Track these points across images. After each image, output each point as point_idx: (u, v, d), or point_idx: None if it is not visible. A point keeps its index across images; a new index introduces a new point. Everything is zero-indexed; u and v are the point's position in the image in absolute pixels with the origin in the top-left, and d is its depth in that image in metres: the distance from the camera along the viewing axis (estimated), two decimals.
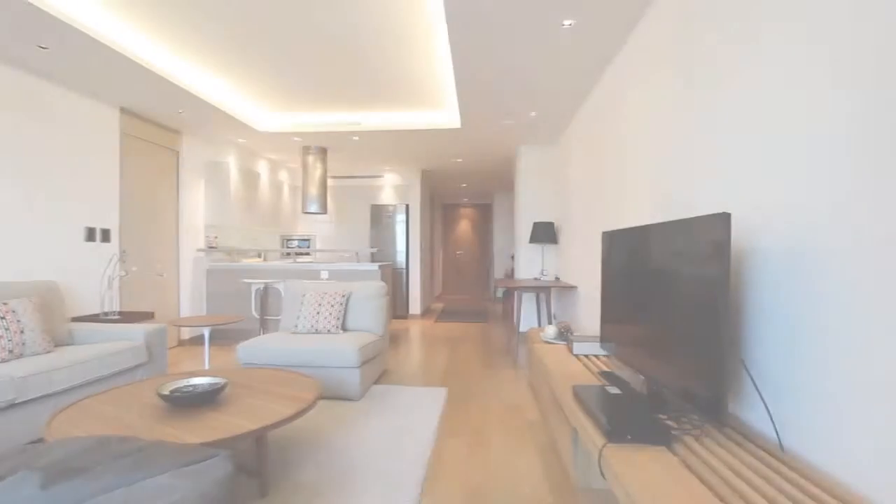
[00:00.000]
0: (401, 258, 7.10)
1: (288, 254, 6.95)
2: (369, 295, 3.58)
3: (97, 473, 1.01)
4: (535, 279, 5.02)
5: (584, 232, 3.86)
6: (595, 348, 2.66)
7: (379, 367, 3.56)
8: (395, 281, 7.04)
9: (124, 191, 4.11)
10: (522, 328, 5.51)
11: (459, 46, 2.87)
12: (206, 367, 3.88)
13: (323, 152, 5.70)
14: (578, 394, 1.78)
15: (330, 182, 7.38)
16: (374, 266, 5.01)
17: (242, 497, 1.85)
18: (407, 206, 7.13)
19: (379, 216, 7.18)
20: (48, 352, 2.65)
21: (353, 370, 3.02)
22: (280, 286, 5.07)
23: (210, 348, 4.61)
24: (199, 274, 5.18)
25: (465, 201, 11.16)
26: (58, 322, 2.95)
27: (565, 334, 3.15)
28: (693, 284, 1.46)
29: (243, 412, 1.86)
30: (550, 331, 3.18)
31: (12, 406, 2.19)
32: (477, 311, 8.03)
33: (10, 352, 2.46)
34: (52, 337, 2.84)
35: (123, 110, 4.07)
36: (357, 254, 5.42)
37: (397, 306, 7.01)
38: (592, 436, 1.47)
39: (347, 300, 3.56)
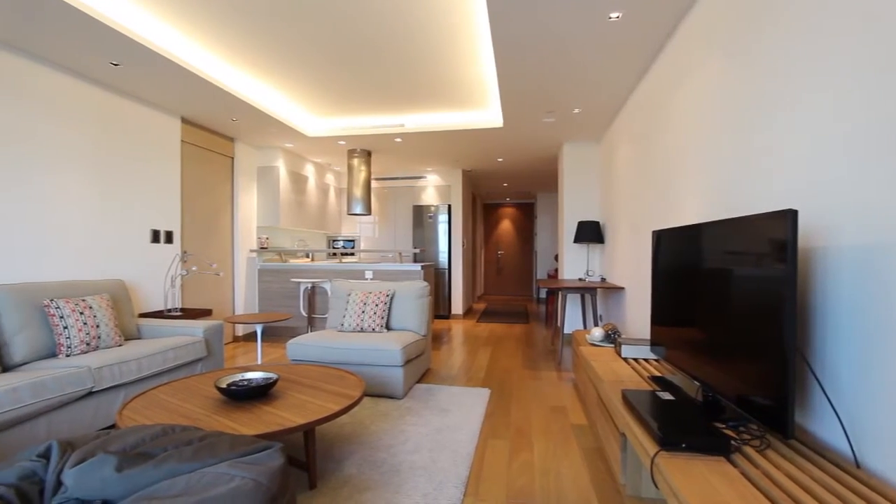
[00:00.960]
0: (443, 258, 7.14)
1: (334, 254, 7.16)
2: (412, 295, 3.62)
3: (163, 459, 1.08)
4: (580, 280, 4.90)
5: (631, 231, 3.73)
6: (645, 352, 2.56)
7: (422, 367, 3.59)
8: (438, 281, 7.08)
9: (185, 195, 4.38)
10: (566, 330, 5.40)
11: (502, 43, 2.85)
12: (259, 362, 4.07)
13: (367, 155, 5.83)
14: (628, 398, 1.72)
15: (373, 184, 7.53)
16: (417, 266, 5.06)
17: (293, 488, 1.92)
18: (449, 207, 7.16)
19: (421, 217, 7.25)
20: (119, 345, 2.87)
21: (396, 369, 3.07)
22: (326, 285, 5.23)
23: (262, 344, 4.82)
24: (251, 273, 5.44)
25: (507, 201, 11.07)
26: (127, 318, 3.19)
27: (612, 337, 3.05)
28: (755, 285, 1.37)
29: (293, 407, 1.93)
30: (597, 333, 3.09)
31: (90, 394, 2.39)
32: (519, 311, 7.94)
33: (88, 344, 2.68)
34: (122, 331, 3.07)
35: (184, 120, 4.34)
36: (400, 254, 5.50)
37: (439, 306, 7.06)
38: (643, 443, 1.42)
39: (391, 300, 3.62)
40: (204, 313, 3.99)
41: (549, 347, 4.91)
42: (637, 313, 3.50)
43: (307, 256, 6.69)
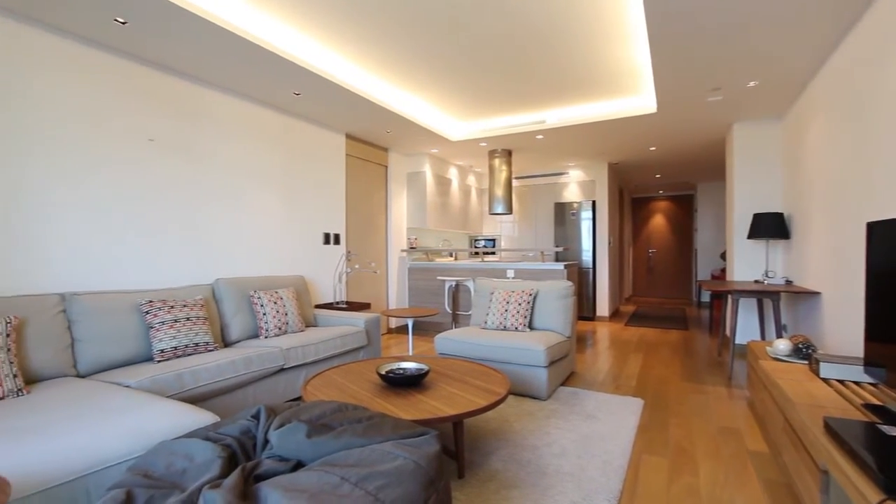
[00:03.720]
0: (587, 257, 6.81)
1: (476, 253, 7.38)
2: (556, 294, 3.53)
3: (340, 433, 1.24)
4: (757, 282, 4.18)
5: (830, 223, 3.04)
6: (855, 373, 2.06)
7: (566, 369, 3.47)
8: (581, 281, 6.78)
9: (349, 202, 4.99)
10: (738, 339, 4.66)
11: (656, 16, 2.58)
12: (410, 353, 4.41)
13: (507, 154, 5.86)
14: (834, 428, 1.40)
15: (514, 183, 7.55)
16: (560, 265, 4.91)
17: (447, 475, 2.03)
18: (593, 203, 6.79)
19: (563, 214, 7.02)
20: (301, 331, 3.39)
21: (540, 369, 3.02)
22: (469, 283, 5.42)
23: (412, 337, 5.21)
24: (402, 271, 5.93)
25: (659, 194, 10.04)
26: (306, 308, 3.75)
27: (805, 351, 2.53)
28: None
29: (443, 398, 2.04)
30: (781, 345, 2.60)
31: (281, 370, 2.87)
32: (675, 315, 7.13)
33: (280, 329, 3.23)
34: (303, 319, 3.62)
35: (348, 135, 4.94)
36: (542, 253, 5.41)
37: (583, 307, 6.75)
38: (858, 485, 1.14)
39: (534, 299, 3.58)
40: (364, 306, 4.48)
41: (716, 358, 4.30)
42: (840, 324, 2.84)
43: (451, 255, 7.03)
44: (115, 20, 2.47)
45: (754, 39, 2.80)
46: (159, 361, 2.46)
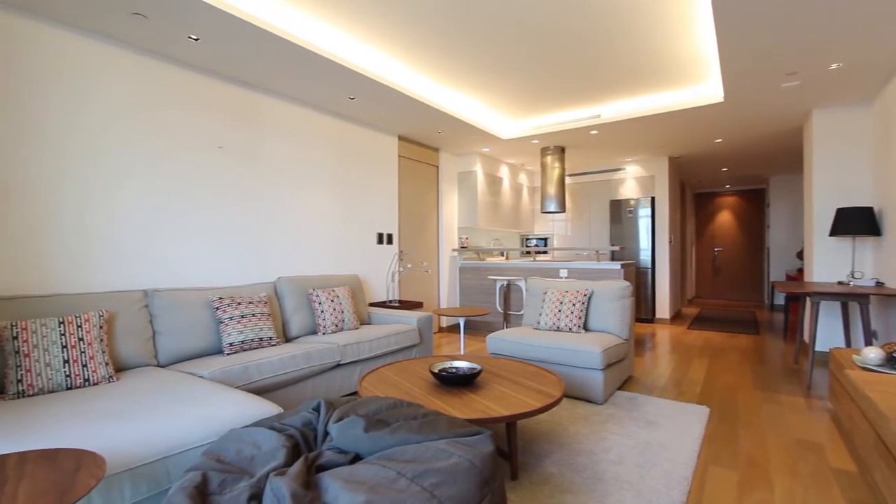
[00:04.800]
0: (644, 256, 6.51)
1: (527, 252, 7.28)
2: (612, 295, 3.40)
3: (396, 428, 1.26)
4: (841, 283, 3.81)
5: None
6: None
7: (623, 373, 3.34)
8: (639, 281, 6.50)
9: (401, 202, 5.08)
10: (819, 346, 4.27)
11: None
12: (462, 352, 4.42)
13: (560, 151, 5.73)
14: None
15: (567, 180, 7.37)
16: (616, 265, 4.73)
17: (503, 475, 2.02)
18: (652, 199, 6.48)
19: (619, 212, 6.76)
20: (356, 328, 3.49)
21: (596, 372, 2.92)
22: (521, 283, 5.35)
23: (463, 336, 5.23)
24: (453, 270, 5.96)
25: (726, 188, 9.41)
26: (361, 306, 3.86)
27: None
28: None
29: (496, 398, 2.03)
30: (872, 354, 2.35)
31: (337, 366, 2.98)
32: (744, 319, 6.65)
33: (336, 326, 3.35)
34: (358, 317, 3.73)
35: (400, 137, 5.03)
36: (597, 252, 5.23)
37: (641, 309, 6.46)
38: None
39: (589, 300, 3.47)
40: (416, 305, 4.54)
41: (792, 366, 3.97)
42: None
43: (502, 255, 6.97)
44: (189, 37, 2.66)
45: (838, 16, 2.55)
46: (228, 354, 2.63)
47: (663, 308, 6.43)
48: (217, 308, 2.74)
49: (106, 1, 2.26)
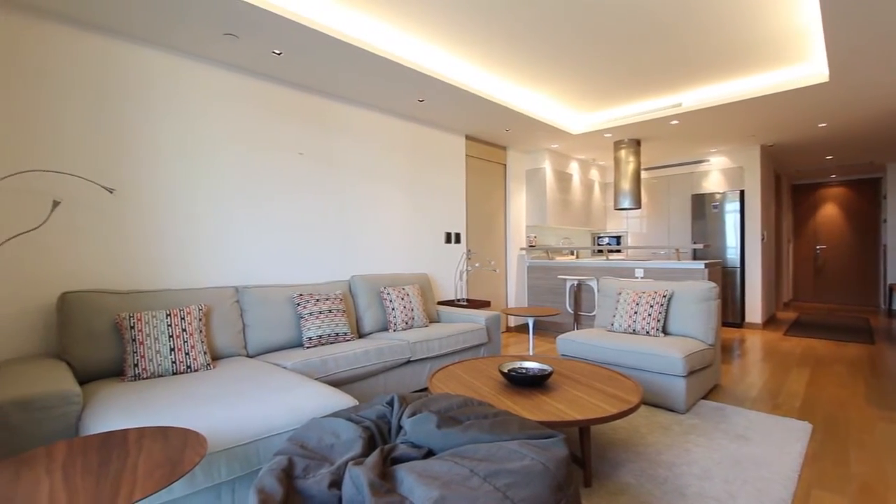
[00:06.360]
0: (732, 255, 5.98)
1: (599, 251, 6.99)
2: (695, 296, 3.17)
3: (468, 427, 1.27)
4: None
5: None
6: None
7: (708, 381, 3.10)
8: (725, 282, 5.99)
9: (469, 201, 5.10)
10: None
11: None
12: (531, 353, 4.35)
13: (636, 144, 5.43)
14: None
15: (643, 174, 6.97)
16: (700, 264, 4.40)
17: (577, 482, 1.96)
18: (741, 193, 5.94)
19: (702, 207, 6.27)
20: (426, 326, 3.56)
21: (677, 379, 2.74)
22: (592, 283, 5.15)
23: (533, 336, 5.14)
24: (521, 270, 5.87)
25: (831, 179, 8.39)
26: (430, 304, 3.93)
27: None
28: None
29: (568, 401, 1.97)
30: None
31: (407, 362, 3.05)
32: (855, 326, 5.89)
33: (406, 323, 3.44)
34: (427, 315, 3.80)
35: (467, 136, 5.05)
36: (678, 251, 4.89)
37: (728, 312, 5.95)
38: None
39: (668, 301, 3.26)
40: (484, 304, 4.54)
41: None
42: None
43: (572, 254, 6.75)
44: (273, 52, 2.87)
45: None
46: (308, 348, 2.80)
47: (754, 311, 5.87)
48: (298, 304, 2.92)
49: (204, 26, 2.51)
